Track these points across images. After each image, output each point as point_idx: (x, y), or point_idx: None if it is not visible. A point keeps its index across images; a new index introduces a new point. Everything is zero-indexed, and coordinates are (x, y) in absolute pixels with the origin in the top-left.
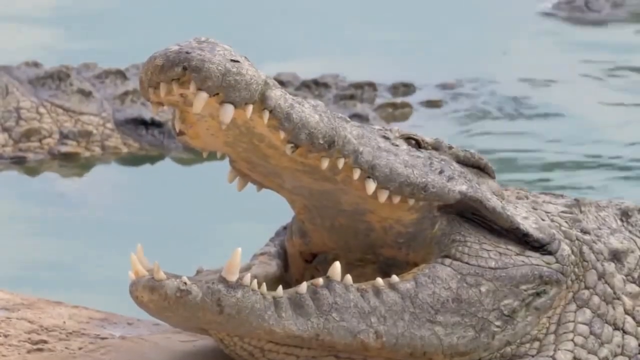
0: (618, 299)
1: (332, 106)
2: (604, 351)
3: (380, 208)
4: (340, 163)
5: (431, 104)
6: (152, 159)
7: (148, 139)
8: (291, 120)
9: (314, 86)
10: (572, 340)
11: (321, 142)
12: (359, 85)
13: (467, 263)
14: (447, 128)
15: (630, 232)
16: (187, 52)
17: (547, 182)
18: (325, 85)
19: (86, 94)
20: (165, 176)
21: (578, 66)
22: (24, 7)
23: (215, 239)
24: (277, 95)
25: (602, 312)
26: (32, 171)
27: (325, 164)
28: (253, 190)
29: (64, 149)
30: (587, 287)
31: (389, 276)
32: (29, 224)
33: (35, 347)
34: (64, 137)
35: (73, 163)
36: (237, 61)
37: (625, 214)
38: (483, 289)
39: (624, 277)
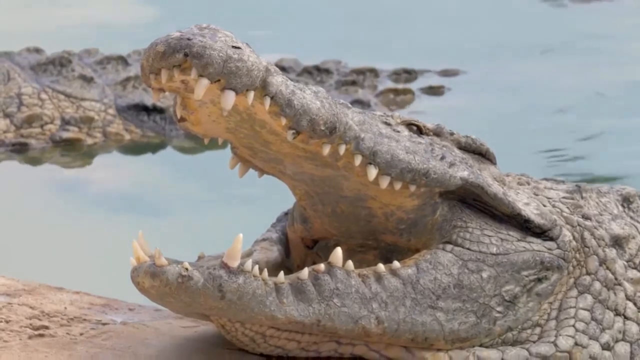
0: (619, 284)
1: (333, 92)
2: (605, 337)
3: (382, 194)
4: (342, 149)
5: (433, 90)
6: (154, 148)
7: (150, 125)
8: (292, 106)
9: (316, 72)
10: (574, 326)
11: (322, 128)
12: (360, 71)
13: (468, 249)
14: (448, 114)
15: (631, 218)
16: (188, 39)
17: None
18: (327, 71)
19: (88, 80)
20: (167, 164)
21: None
22: None
23: (216, 226)
24: (278, 81)
25: (604, 298)
26: (34, 161)
27: (326, 150)
28: (254, 176)
29: (65, 135)
30: (588, 273)
31: (390, 262)
32: (29, 213)
33: (36, 332)
34: (65, 123)
35: (75, 152)
36: (239, 48)
37: (626, 200)
38: (484, 274)
39: (625, 263)
